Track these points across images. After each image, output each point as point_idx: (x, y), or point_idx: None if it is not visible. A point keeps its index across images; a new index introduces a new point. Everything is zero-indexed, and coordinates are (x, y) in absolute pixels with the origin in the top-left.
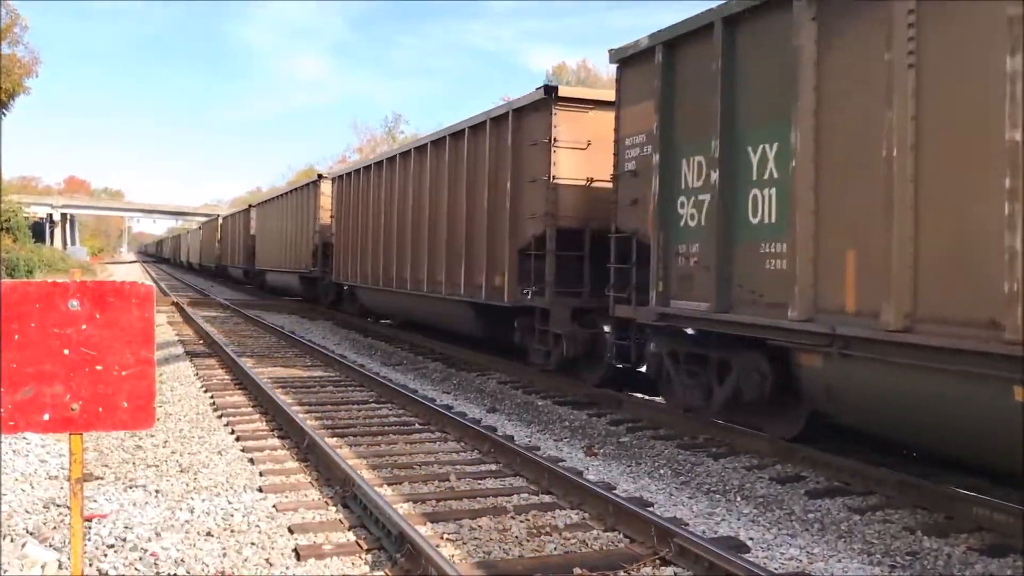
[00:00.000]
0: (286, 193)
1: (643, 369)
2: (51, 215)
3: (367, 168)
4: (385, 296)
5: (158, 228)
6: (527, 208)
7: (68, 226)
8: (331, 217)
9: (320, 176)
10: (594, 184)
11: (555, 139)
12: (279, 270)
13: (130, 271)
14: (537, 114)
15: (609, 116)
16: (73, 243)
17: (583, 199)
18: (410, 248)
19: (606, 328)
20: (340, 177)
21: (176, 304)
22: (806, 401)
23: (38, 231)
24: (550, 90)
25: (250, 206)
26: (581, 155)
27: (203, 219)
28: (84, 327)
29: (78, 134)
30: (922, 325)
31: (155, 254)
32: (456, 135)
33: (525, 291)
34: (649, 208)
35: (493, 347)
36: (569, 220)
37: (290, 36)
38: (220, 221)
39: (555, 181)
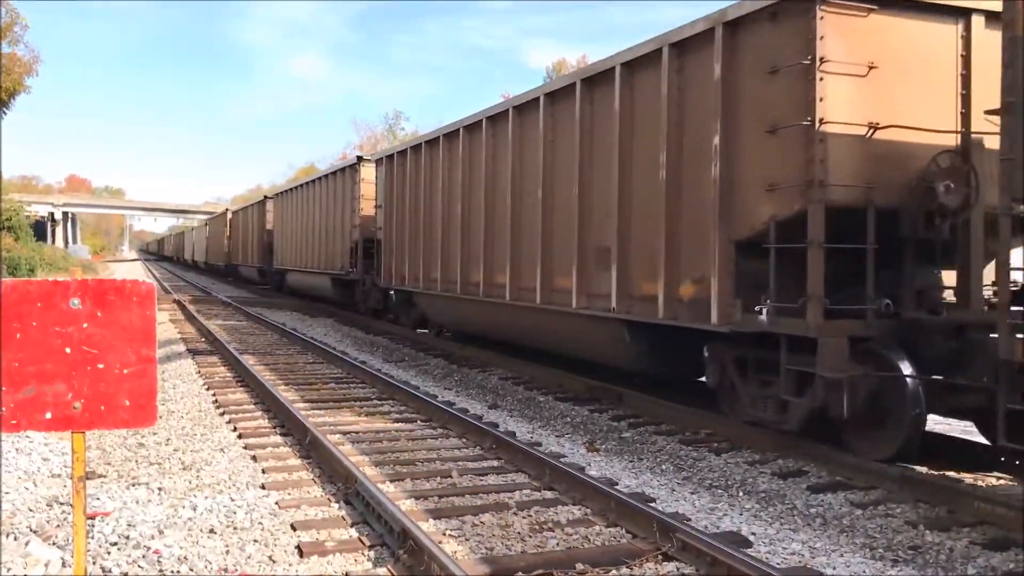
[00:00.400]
0: (313, 181)
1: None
2: (52, 214)
3: (432, 143)
4: (462, 307)
5: (159, 226)
6: (757, 175)
7: (69, 225)
8: (376, 207)
9: (360, 158)
10: (879, 133)
11: (823, 59)
12: (304, 270)
13: (132, 270)
14: (780, 23)
15: (902, 25)
16: (75, 242)
17: (864, 158)
18: (509, 244)
19: (905, 368)
20: (390, 157)
21: (178, 302)
22: None
23: (39, 230)
24: None
25: (266, 197)
26: (860, 86)
27: (204, 217)
28: (85, 325)
29: (79, 133)
30: None
31: (156, 252)
32: (592, 80)
33: (757, 308)
34: None
35: (660, 387)
36: (843, 192)
37: (289, 35)
38: (229, 216)
39: (823, 127)
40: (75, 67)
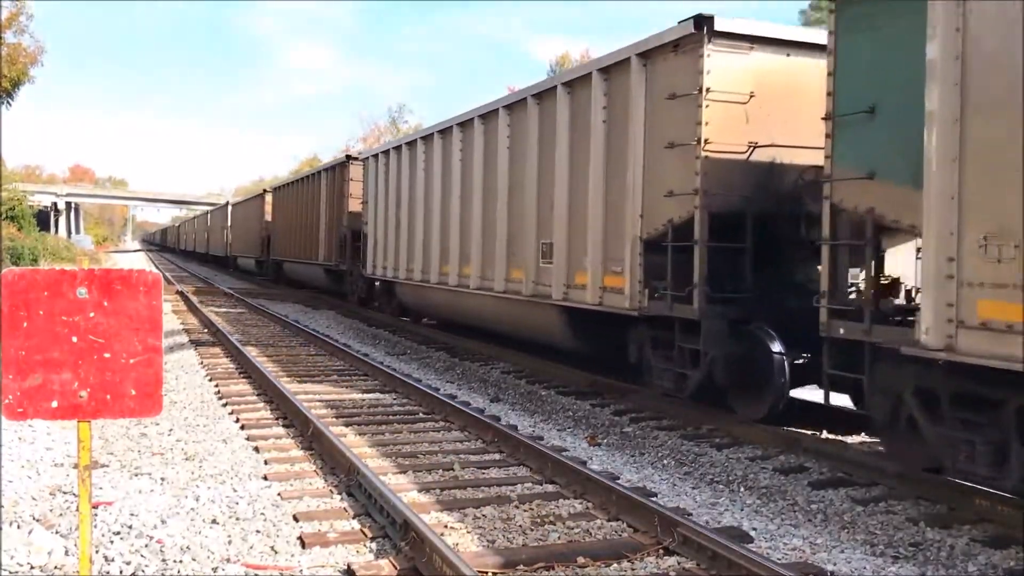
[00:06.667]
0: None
1: None
2: (55, 203)
3: (288, 185)
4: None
5: (162, 216)
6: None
7: (73, 215)
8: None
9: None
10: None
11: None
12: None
13: (135, 261)
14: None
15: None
16: (77, 231)
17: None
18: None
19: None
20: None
21: (181, 293)
22: None
23: (43, 219)
24: None
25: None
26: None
27: (206, 207)
28: (92, 314)
29: (83, 123)
30: None
31: (160, 243)
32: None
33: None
34: None
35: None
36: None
37: (296, 26)
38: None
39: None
40: (79, 57)
